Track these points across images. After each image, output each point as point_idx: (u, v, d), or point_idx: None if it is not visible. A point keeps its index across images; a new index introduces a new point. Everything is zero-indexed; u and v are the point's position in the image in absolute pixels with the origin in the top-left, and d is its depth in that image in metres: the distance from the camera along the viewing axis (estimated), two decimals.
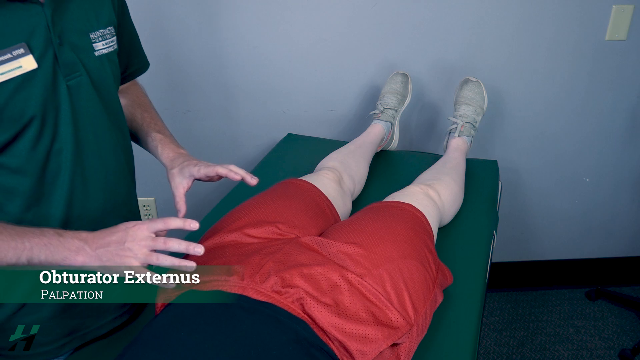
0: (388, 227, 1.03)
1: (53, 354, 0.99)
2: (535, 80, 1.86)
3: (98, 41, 0.88)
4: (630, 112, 1.93)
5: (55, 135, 0.83)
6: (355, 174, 1.40)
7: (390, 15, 1.74)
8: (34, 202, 0.85)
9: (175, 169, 0.97)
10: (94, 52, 0.88)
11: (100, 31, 0.89)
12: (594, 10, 1.75)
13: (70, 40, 0.83)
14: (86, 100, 0.87)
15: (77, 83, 0.85)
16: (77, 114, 0.85)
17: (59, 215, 0.88)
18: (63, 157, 0.85)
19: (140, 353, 0.74)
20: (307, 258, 0.91)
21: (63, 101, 0.83)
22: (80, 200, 0.90)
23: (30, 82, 0.78)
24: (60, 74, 0.82)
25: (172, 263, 0.77)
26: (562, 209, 2.10)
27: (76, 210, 0.90)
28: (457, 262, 1.19)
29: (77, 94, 0.85)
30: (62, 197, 0.87)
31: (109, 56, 0.91)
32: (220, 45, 1.78)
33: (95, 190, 0.92)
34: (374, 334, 0.84)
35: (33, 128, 0.80)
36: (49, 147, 0.83)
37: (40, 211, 0.86)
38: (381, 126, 1.62)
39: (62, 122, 0.83)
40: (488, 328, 2.08)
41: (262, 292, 0.84)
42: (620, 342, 2.00)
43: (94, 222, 0.92)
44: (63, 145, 0.85)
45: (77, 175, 0.88)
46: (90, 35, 0.87)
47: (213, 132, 1.92)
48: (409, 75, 1.69)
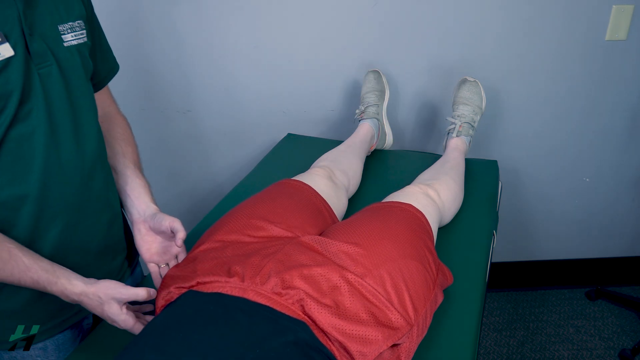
0: (388, 227, 1.03)
1: (45, 335, 1.01)
2: (535, 80, 1.86)
3: (67, 33, 0.91)
4: (630, 112, 1.93)
5: (29, 118, 0.86)
6: (347, 168, 1.40)
7: (390, 16, 1.75)
8: (8, 183, 0.87)
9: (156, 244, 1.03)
10: (63, 43, 0.90)
11: (70, 24, 0.92)
12: (594, 10, 1.75)
13: (40, 31, 0.86)
14: (57, 89, 0.89)
15: (48, 72, 0.87)
16: (50, 100, 0.88)
17: (34, 195, 0.90)
18: (36, 140, 0.87)
19: (138, 354, 0.74)
20: (307, 258, 0.91)
21: (36, 88, 0.86)
22: (57, 183, 0.92)
23: (7, 68, 0.81)
24: (32, 63, 0.85)
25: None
26: (562, 209, 2.10)
27: (53, 193, 0.92)
28: (457, 262, 1.19)
29: (49, 82, 0.88)
30: (36, 178, 0.89)
31: (78, 47, 0.93)
32: (220, 46, 1.78)
33: (72, 175, 0.94)
34: (374, 335, 0.83)
35: (9, 110, 0.83)
36: (24, 129, 0.86)
37: (14, 191, 0.88)
38: (368, 124, 1.62)
39: (36, 107, 0.86)
40: (488, 328, 2.08)
41: (263, 293, 0.83)
42: (620, 342, 2.00)
43: (71, 207, 0.95)
44: (36, 129, 0.87)
45: (52, 158, 0.90)
46: (59, 27, 0.90)
47: (213, 132, 1.92)
48: (379, 70, 1.71)
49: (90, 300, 0.86)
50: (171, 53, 1.79)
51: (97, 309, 0.87)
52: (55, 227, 0.93)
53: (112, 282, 0.87)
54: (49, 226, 0.93)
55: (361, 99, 1.70)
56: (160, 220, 0.97)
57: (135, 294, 0.85)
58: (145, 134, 1.86)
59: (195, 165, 1.98)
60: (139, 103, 1.85)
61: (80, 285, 0.86)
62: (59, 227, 0.94)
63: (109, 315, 0.87)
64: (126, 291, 0.85)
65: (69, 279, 0.86)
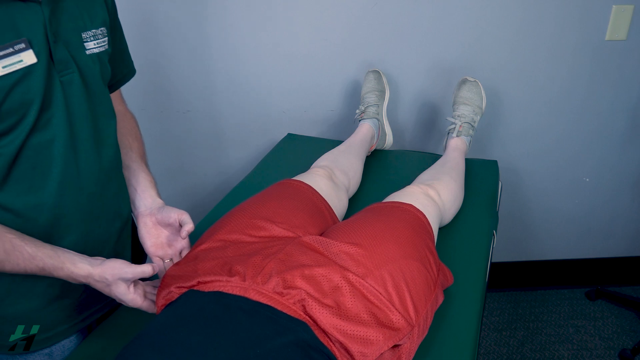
0: (390, 228, 1.03)
1: (52, 340, 1.01)
2: (535, 80, 1.86)
3: (90, 40, 0.91)
4: (630, 112, 1.93)
5: (49, 126, 0.86)
6: (348, 169, 1.40)
7: (390, 16, 1.75)
8: (24, 192, 0.87)
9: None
10: (85, 51, 0.90)
11: (92, 31, 0.91)
12: (594, 10, 1.75)
13: (64, 38, 0.86)
14: (78, 97, 0.89)
15: (70, 80, 0.87)
16: (71, 108, 0.88)
17: (50, 204, 0.89)
18: (55, 149, 0.87)
19: (138, 353, 0.74)
20: (309, 258, 0.91)
21: (57, 96, 0.85)
22: (73, 192, 0.91)
23: (29, 75, 0.81)
24: (55, 70, 0.84)
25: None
26: (562, 208, 2.10)
27: (68, 202, 0.91)
28: (457, 262, 1.19)
29: (70, 89, 0.87)
30: (53, 187, 0.89)
31: (99, 55, 0.93)
32: (220, 46, 1.78)
33: (88, 184, 0.94)
34: (375, 336, 0.83)
35: (29, 119, 0.82)
36: (43, 137, 0.86)
37: (30, 200, 0.88)
38: (368, 124, 1.62)
39: (56, 115, 0.86)
40: (488, 328, 2.08)
41: (264, 293, 0.83)
42: (620, 342, 2.00)
43: (85, 216, 0.95)
44: (56, 137, 0.87)
45: (70, 167, 0.90)
46: (82, 34, 0.89)
47: (213, 132, 1.92)
48: (380, 70, 1.71)
49: (97, 282, 0.87)
50: (171, 53, 1.79)
51: (104, 290, 0.88)
52: (69, 236, 0.93)
53: (118, 261, 0.87)
54: (64, 235, 0.93)
55: (361, 98, 1.70)
56: (169, 212, 0.97)
57: (142, 272, 0.85)
58: (145, 134, 1.84)
59: (195, 165, 1.98)
60: (139, 103, 1.84)
61: (86, 267, 0.86)
62: (74, 236, 0.94)
63: (116, 296, 0.88)
64: (132, 270, 0.85)
65: (74, 262, 0.86)
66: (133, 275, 0.85)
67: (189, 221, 0.95)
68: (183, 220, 0.95)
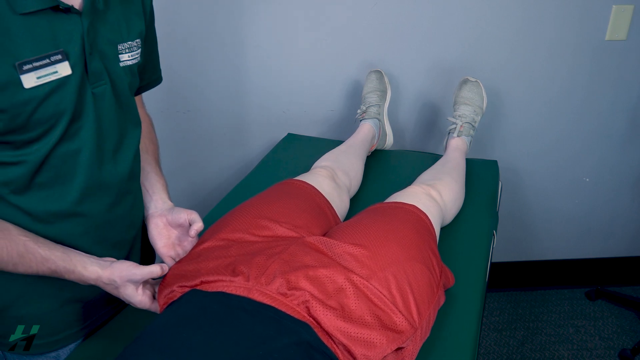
0: (393, 229, 1.02)
1: (60, 344, 1.01)
2: (535, 80, 1.86)
3: (125, 52, 0.91)
4: (630, 112, 1.93)
5: (77, 136, 0.86)
6: (349, 169, 1.40)
7: (390, 16, 1.75)
8: (45, 199, 0.87)
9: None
10: (119, 63, 0.90)
11: (128, 43, 0.91)
12: (594, 10, 1.76)
13: (100, 49, 0.85)
14: (108, 108, 0.89)
15: (102, 91, 0.87)
16: (100, 119, 0.88)
17: (70, 211, 0.90)
18: (81, 159, 0.88)
19: (140, 353, 0.74)
20: (313, 259, 0.90)
21: (88, 107, 0.85)
22: (92, 201, 0.92)
23: (63, 87, 0.80)
24: (88, 81, 0.84)
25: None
26: (562, 208, 2.10)
27: (86, 210, 0.92)
28: (458, 262, 1.18)
29: (101, 101, 0.87)
30: (75, 196, 0.89)
31: (131, 68, 0.93)
32: (220, 46, 1.78)
33: (108, 194, 0.95)
34: (378, 339, 0.83)
35: (59, 129, 0.83)
36: (70, 147, 0.86)
37: (51, 207, 0.88)
38: (369, 124, 1.62)
39: (86, 126, 0.86)
40: (488, 328, 2.08)
41: (268, 294, 0.83)
42: (620, 342, 2.00)
43: (101, 224, 0.96)
44: (83, 147, 0.87)
45: (93, 177, 0.90)
46: (118, 46, 0.89)
47: (213, 132, 1.92)
48: (382, 71, 1.71)
49: (106, 285, 0.88)
50: (171, 53, 1.79)
51: (113, 292, 0.89)
52: (84, 244, 0.93)
53: (126, 263, 0.88)
54: (78, 242, 0.93)
55: (362, 98, 1.69)
56: (179, 213, 0.99)
57: (150, 272, 0.87)
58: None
59: (195, 165, 1.98)
60: None
61: (95, 271, 0.87)
62: (88, 243, 0.94)
63: (125, 297, 0.89)
64: (140, 271, 0.86)
65: (85, 265, 0.87)
66: (142, 276, 0.87)
67: (199, 220, 0.97)
68: (193, 220, 0.97)
